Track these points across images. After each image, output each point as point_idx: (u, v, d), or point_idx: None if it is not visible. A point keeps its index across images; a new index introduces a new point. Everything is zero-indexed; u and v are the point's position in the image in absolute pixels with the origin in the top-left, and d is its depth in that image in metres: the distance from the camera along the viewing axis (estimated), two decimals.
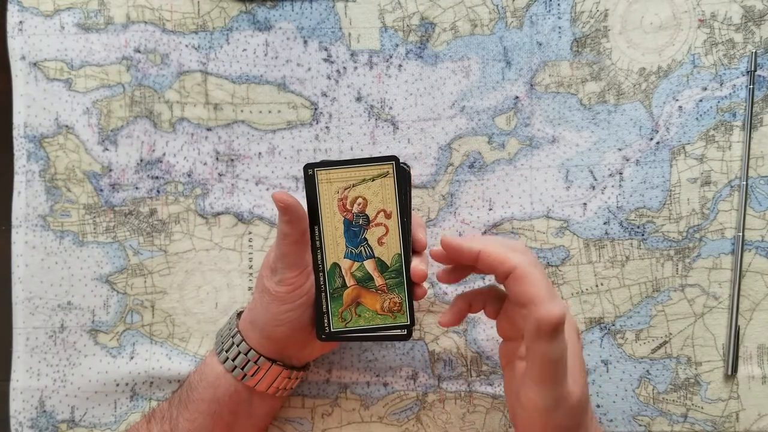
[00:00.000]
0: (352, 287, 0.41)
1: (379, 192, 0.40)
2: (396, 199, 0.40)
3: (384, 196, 0.41)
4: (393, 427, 0.48)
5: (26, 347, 0.49)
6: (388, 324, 0.41)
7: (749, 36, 0.48)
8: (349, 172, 0.40)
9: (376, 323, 0.41)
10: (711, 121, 0.48)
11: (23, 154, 0.49)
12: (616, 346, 0.48)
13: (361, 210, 0.41)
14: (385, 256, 0.41)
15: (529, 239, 0.48)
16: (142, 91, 0.49)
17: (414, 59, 0.49)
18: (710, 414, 0.47)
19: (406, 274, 0.41)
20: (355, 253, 0.41)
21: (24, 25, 0.49)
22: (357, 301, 0.41)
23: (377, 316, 0.41)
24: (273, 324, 0.41)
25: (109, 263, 0.49)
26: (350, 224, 0.41)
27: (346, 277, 0.41)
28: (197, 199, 0.49)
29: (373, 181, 0.40)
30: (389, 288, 0.41)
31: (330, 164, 0.40)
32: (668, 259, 0.47)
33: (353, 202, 0.41)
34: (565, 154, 0.48)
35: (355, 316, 0.41)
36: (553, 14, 0.49)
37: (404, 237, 0.41)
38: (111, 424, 0.48)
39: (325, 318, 0.41)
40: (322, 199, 0.41)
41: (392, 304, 0.41)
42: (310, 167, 0.40)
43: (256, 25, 0.49)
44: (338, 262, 0.41)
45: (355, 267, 0.41)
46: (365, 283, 0.41)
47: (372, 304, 0.41)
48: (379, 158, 0.40)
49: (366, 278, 0.41)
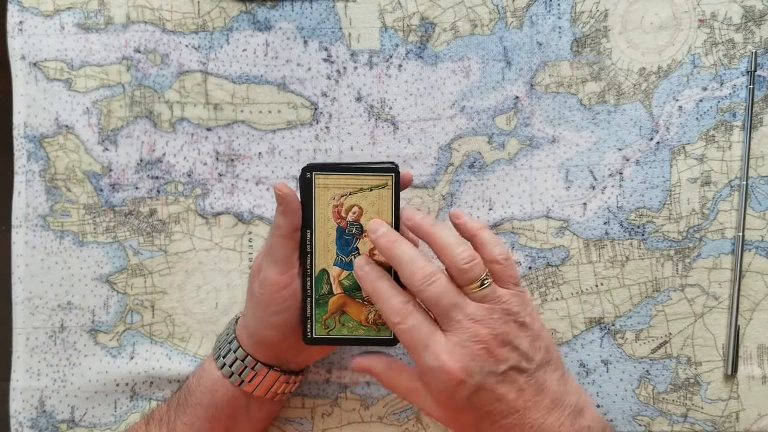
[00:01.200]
0: (339, 295, 0.41)
1: (375, 203, 0.40)
2: (392, 211, 0.40)
3: (380, 207, 0.40)
4: (393, 427, 0.48)
5: (26, 347, 0.49)
6: (371, 336, 0.41)
7: (749, 36, 0.48)
8: (347, 180, 0.40)
9: (359, 334, 0.41)
10: (711, 121, 0.48)
11: (23, 154, 0.49)
12: (616, 346, 0.48)
13: (356, 219, 0.40)
14: None
15: (529, 239, 0.48)
16: (142, 91, 0.49)
17: (414, 59, 0.49)
18: (710, 414, 0.47)
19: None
20: (345, 262, 0.41)
21: (24, 25, 0.49)
22: (342, 310, 0.41)
23: (360, 326, 0.41)
24: (263, 328, 0.41)
25: (109, 263, 0.49)
26: (343, 232, 0.40)
27: (334, 285, 0.41)
28: (197, 199, 0.49)
29: (370, 191, 0.40)
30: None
31: (329, 168, 0.40)
32: (668, 259, 0.48)
33: (348, 210, 0.40)
34: (565, 154, 0.48)
35: (339, 324, 0.41)
36: (553, 14, 0.49)
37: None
38: (111, 424, 0.48)
39: (308, 323, 0.41)
40: (317, 203, 0.40)
41: (377, 316, 0.41)
42: (308, 170, 0.40)
43: (256, 25, 0.49)
44: (327, 269, 0.41)
45: (344, 275, 0.41)
46: (352, 293, 0.41)
47: (357, 315, 0.41)
48: (380, 168, 0.40)
49: (353, 288, 0.41)
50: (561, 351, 0.48)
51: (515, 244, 0.48)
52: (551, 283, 0.48)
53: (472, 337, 0.37)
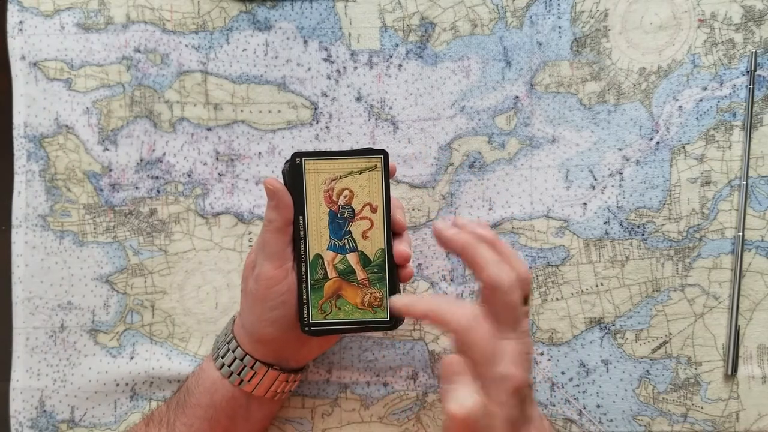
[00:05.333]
0: (334, 279, 0.41)
1: (366, 185, 0.40)
2: (383, 193, 0.40)
3: (371, 189, 0.40)
4: (393, 427, 0.48)
5: (26, 347, 0.49)
6: (367, 319, 0.41)
7: (749, 36, 0.48)
8: (337, 164, 0.40)
9: (356, 317, 0.41)
10: (711, 121, 0.48)
11: (23, 154, 0.49)
12: (616, 346, 0.48)
13: (347, 202, 0.40)
14: (369, 250, 0.41)
15: (529, 239, 0.48)
16: (142, 91, 0.49)
17: (414, 59, 0.49)
18: (710, 414, 0.47)
19: (388, 269, 0.41)
20: (339, 245, 0.41)
21: (24, 25, 0.49)
22: (338, 294, 0.41)
23: (357, 310, 0.41)
24: (260, 325, 0.41)
25: (109, 263, 0.49)
26: (335, 216, 0.41)
27: (328, 269, 0.41)
28: (197, 199, 0.49)
29: (360, 174, 0.40)
30: (371, 282, 0.41)
31: (318, 154, 0.40)
32: (668, 259, 0.47)
33: (339, 194, 0.40)
34: (565, 154, 0.48)
35: (335, 309, 0.41)
36: (553, 14, 0.49)
37: (388, 232, 0.41)
38: (111, 424, 0.48)
39: (305, 309, 0.41)
40: (308, 189, 0.40)
41: (372, 298, 0.41)
42: (298, 156, 0.40)
43: (256, 25, 0.49)
44: (321, 254, 0.41)
45: (338, 259, 0.41)
46: (347, 276, 0.41)
47: (352, 298, 0.41)
48: (368, 150, 0.40)
49: (348, 271, 0.41)
50: (561, 351, 0.48)
51: (515, 244, 0.48)
52: (551, 283, 0.48)
53: (526, 349, 0.37)
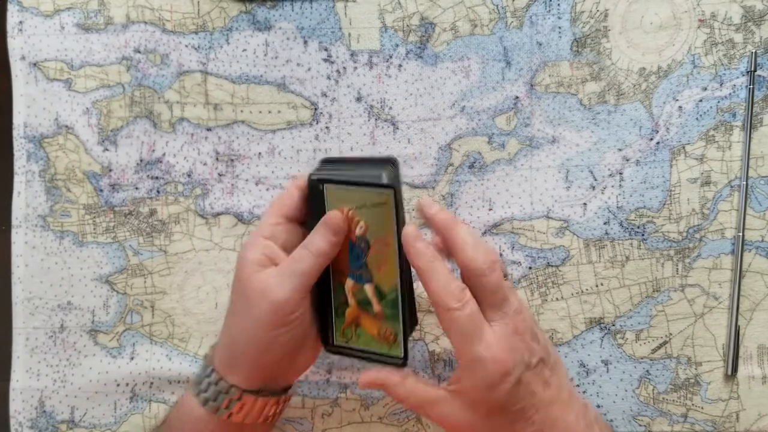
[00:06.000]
0: (353, 307, 0.41)
1: (378, 220, 0.39)
2: (394, 228, 0.38)
3: (383, 224, 0.39)
4: (393, 427, 0.48)
5: (26, 347, 0.49)
6: (383, 352, 0.40)
7: (749, 36, 0.48)
8: (353, 193, 0.39)
9: (373, 348, 0.41)
10: (711, 121, 0.48)
11: (23, 154, 0.49)
12: (616, 346, 0.48)
13: (363, 233, 0.39)
14: (383, 284, 0.40)
15: (529, 239, 0.48)
16: (142, 91, 0.49)
17: (414, 59, 0.49)
18: (710, 414, 0.47)
19: (401, 306, 0.39)
20: (357, 275, 0.40)
21: (24, 25, 0.49)
22: (356, 323, 0.41)
23: (374, 341, 0.41)
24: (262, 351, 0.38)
25: (109, 263, 0.49)
26: (353, 245, 0.40)
27: (349, 296, 0.41)
28: (197, 199, 0.49)
29: (373, 207, 0.39)
30: (386, 317, 0.40)
31: (338, 182, 0.39)
32: (668, 259, 0.48)
33: (357, 224, 0.39)
34: (565, 154, 0.48)
35: (355, 335, 0.41)
36: (553, 14, 0.49)
37: (402, 267, 0.39)
38: (111, 425, 0.48)
39: (330, 331, 0.41)
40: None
41: (388, 333, 0.40)
42: (320, 183, 0.39)
43: (256, 25, 0.49)
44: (343, 280, 0.41)
45: (357, 288, 0.40)
46: (365, 306, 0.40)
47: (370, 329, 0.41)
48: (377, 184, 0.38)
49: (365, 302, 0.40)
50: (561, 351, 0.48)
51: (515, 244, 0.48)
52: (551, 283, 0.48)
53: (514, 329, 0.37)
